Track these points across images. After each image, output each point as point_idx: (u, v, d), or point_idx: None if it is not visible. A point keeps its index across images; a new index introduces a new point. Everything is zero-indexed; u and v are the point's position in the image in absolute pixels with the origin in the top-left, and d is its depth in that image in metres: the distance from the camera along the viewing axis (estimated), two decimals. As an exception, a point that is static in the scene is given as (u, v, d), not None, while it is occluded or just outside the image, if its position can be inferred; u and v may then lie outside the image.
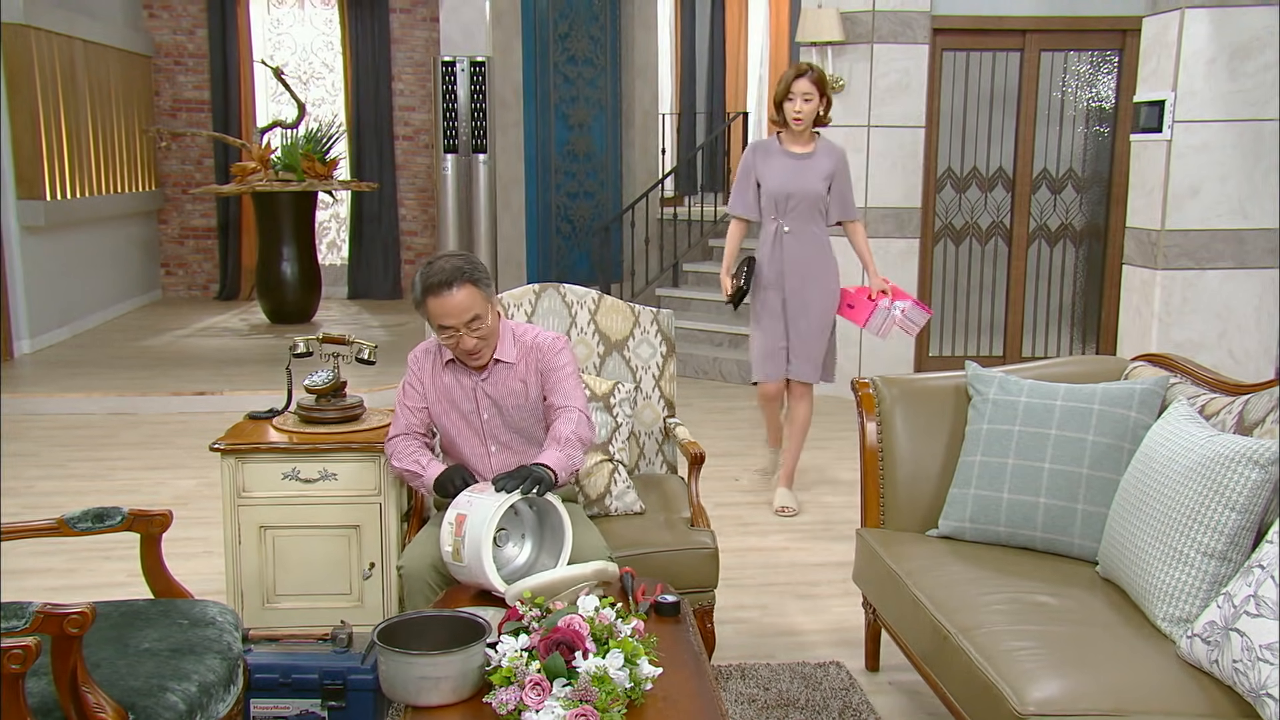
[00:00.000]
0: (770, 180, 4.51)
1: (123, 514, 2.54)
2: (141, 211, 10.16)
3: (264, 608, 3.21)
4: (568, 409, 2.87)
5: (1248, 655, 2.02)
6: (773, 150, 4.55)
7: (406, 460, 2.92)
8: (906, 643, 2.79)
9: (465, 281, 2.76)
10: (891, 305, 4.54)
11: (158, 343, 8.32)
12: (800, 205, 4.49)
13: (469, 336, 2.80)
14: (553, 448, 2.77)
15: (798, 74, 4.43)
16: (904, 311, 4.55)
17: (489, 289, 2.84)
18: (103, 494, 4.89)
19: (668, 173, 9.42)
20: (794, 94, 4.41)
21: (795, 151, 4.51)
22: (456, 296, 2.75)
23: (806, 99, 4.41)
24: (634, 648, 2.11)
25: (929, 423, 3.12)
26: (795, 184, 4.48)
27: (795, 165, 4.49)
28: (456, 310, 2.76)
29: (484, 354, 2.88)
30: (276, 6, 10.64)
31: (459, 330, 2.79)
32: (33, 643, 1.84)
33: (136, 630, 2.32)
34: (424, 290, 2.77)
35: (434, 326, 2.83)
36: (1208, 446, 2.36)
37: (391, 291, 10.74)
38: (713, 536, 3.10)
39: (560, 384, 2.91)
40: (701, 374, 7.51)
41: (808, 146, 4.53)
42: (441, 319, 2.78)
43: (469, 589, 2.64)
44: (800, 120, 4.42)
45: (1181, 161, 4.74)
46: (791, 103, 4.43)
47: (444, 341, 2.85)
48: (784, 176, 4.49)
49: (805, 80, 4.40)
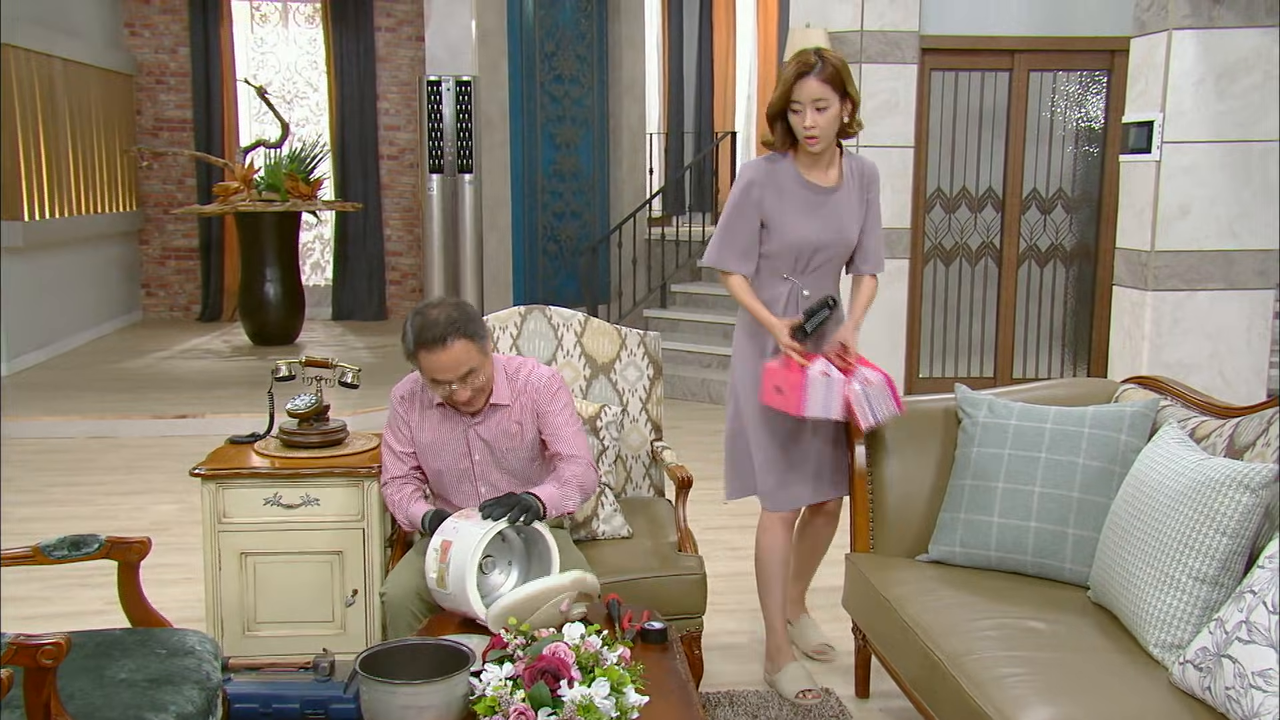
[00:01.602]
0: (788, 225, 3.14)
1: (100, 541, 2.52)
2: (122, 232, 10.15)
3: (244, 636, 3.19)
4: (575, 459, 2.85)
5: (1240, 682, 2.02)
6: (786, 179, 3.15)
7: (399, 513, 2.95)
8: (897, 669, 2.79)
9: (460, 336, 2.68)
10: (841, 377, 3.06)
11: (138, 365, 8.29)
12: (830, 261, 3.22)
13: (463, 390, 2.76)
14: (551, 484, 2.76)
15: (800, 71, 3.01)
16: (864, 385, 3.06)
17: (484, 341, 2.77)
18: (80, 520, 4.86)
19: (655, 193, 9.46)
20: (800, 102, 3.02)
21: (819, 183, 3.16)
22: (451, 351, 2.68)
23: (819, 107, 3.02)
24: (620, 676, 2.11)
25: (918, 446, 3.13)
26: (827, 232, 3.16)
27: (821, 203, 3.16)
28: (451, 365, 2.70)
29: (478, 402, 2.84)
30: (260, 25, 10.67)
31: (453, 384, 2.74)
32: (5, 675, 1.83)
33: (113, 660, 2.30)
34: (416, 344, 2.70)
35: (426, 380, 2.79)
36: (1198, 470, 2.37)
37: (376, 313, 10.73)
38: (700, 561, 3.10)
39: (561, 430, 2.88)
40: (690, 396, 7.52)
41: (831, 171, 3.18)
42: (435, 374, 2.72)
43: (453, 617, 2.63)
44: (816, 139, 3.06)
45: (1171, 182, 4.78)
46: (798, 114, 3.04)
47: (436, 393, 2.81)
48: (808, 220, 3.15)
49: (813, 80, 3.00)
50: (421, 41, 9.87)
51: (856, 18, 6.37)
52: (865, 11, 6.36)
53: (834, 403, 3.02)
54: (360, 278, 10.75)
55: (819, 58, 3.01)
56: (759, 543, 3.36)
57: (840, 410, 3.04)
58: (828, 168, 3.18)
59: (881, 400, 3.06)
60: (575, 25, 9.32)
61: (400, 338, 2.81)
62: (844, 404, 3.03)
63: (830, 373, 3.02)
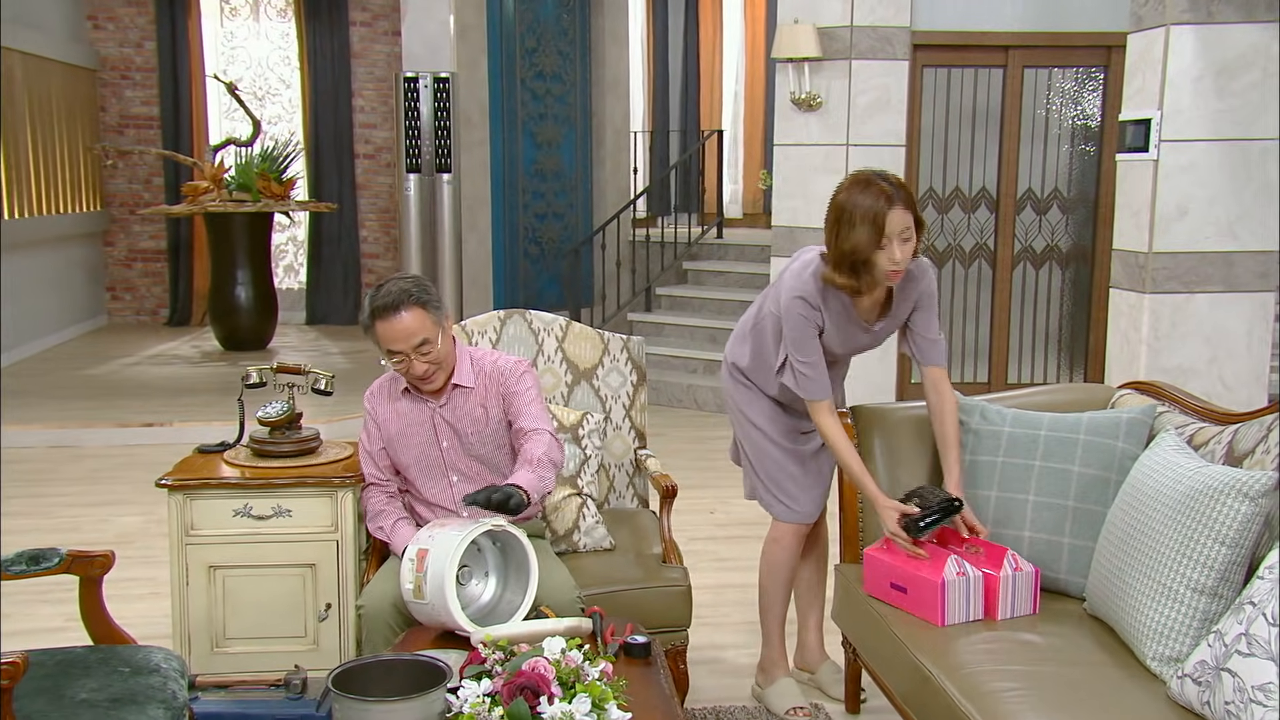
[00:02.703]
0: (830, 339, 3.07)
1: (60, 555, 2.51)
2: (86, 233, 10.09)
3: (213, 652, 3.17)
4: (537, 431, 2.88)
5: (1240, 696, 2.03)
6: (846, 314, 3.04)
7: (372, 526, 3.02)
8: (888, 683, 2.79)
9: (413, 304, 2.80)
10: (978, 574, 2.72)
11: (103, 371, 8.25)
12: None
13: (419, 361, 2.83)
14: (524, 469, 2.77)
15: (886, 199, 2.79)
16: (1015, 573, 2.72)
17: (439, 312, 2.86)
18: (41, 533, 4.83)
19: (640, 193, 9.47)
20: (888, 236, 2.79)
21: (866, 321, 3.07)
22: (404, 320, 2.79)
23: (906, 238, 2.82)
24: (602, 692, 2.10)
25: (910, 454, 3.14)
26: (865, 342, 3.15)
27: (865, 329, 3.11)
28: (404, 334, 2.79)
29: (436, 379, 2.91)
30: (230, 19, 10.65)
31: (408, 356, 2.82)
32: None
33: (73, 680, 2.29)
34: (371, 313, 2.82)
35: (383, 352, 2.87)
36: (1196, 478, 2.38)
37: (351, 317, 10.70)
38: (685, 573, 3.10)
39: (526, 408, 2.93)
40: (675, 402, 7.52)
41: (878, 293, 3.02)
42: (390, 343, 2.82)
43: (430, 630, 2.62)
44: (899, 274, 2.88)
45: (1169, 182, 4.81)
46: (887, 250, 2.81)
47: (395, 367, 2.89)
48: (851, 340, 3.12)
49: (899, 210, 2.79)
50: (398, 36, 9.86)
51: (846, 13, 6.39)
52: (855, 6, 6.38)
53: (977, 603, 2.71)
54: (335, 281, 10.72)
55: (886, 181, 2.82)
56: (768, 554, 3.33)
57: (982, 608, 2.73)
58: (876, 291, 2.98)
59: (1025, 596, 2.73)
60: (557, 20, 9.33)
61: (361, 315, 2.91)
62: (985, 597, 2.72)
63: (965, 570, 2.70)
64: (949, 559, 2.68)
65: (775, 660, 3.39)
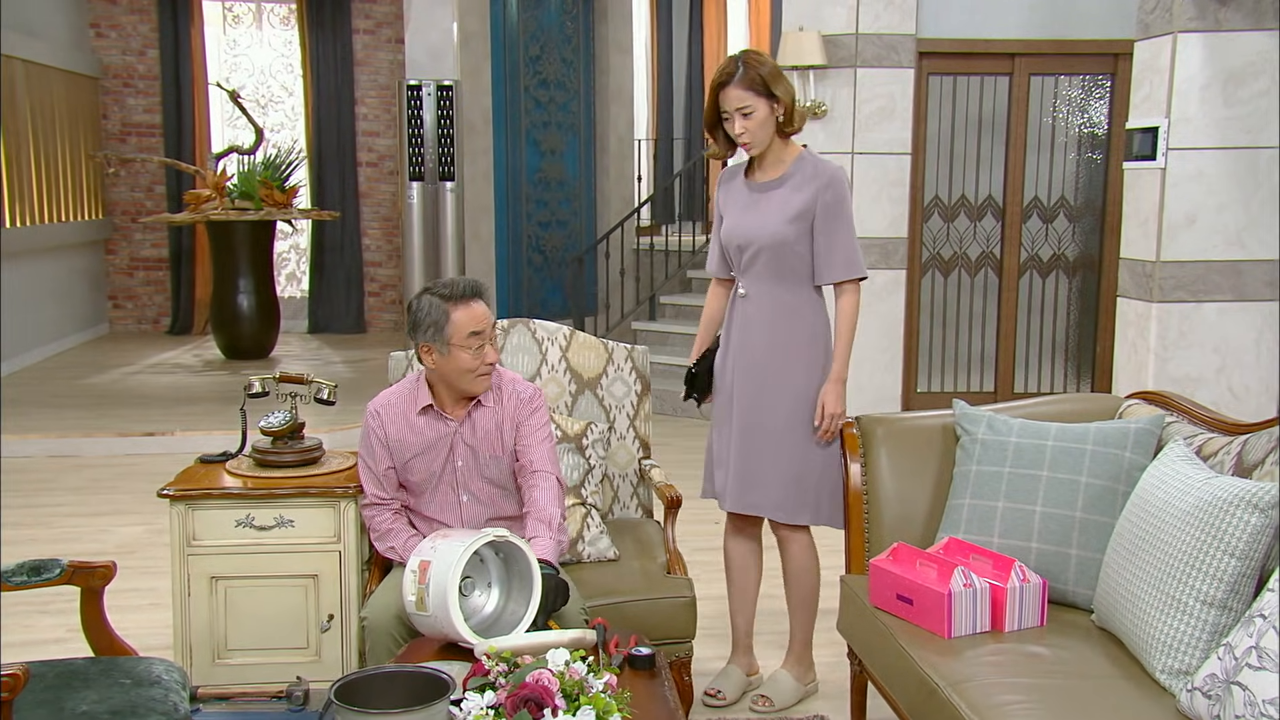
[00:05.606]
0: (725, 223, 3.37)
1: (61, 566, 2.51)
2: (87, 241, 10.11)
3: (214, 664, 3.17)
4: (544, 475, 2.91)
5: (1250, 710, 2.03)
6: (736, 179, 3.39)
7: (381, 546, 3.02)
8: (894, 696, 2.79)
9: (482, 295, 2.91)
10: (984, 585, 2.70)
11: (104, 380, 8.26)
12: (762, 260, 3.27)
13: (493, 349, 2.89)
14: (544, 534, 2.80)
15: (720, 81, 3.17)
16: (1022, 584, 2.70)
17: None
18: (41, 543, 4.83)
19: (644, 201, 9.48)
20: (726, 112, 3.19)
21: (758, 180, 3.32)
22: (482, 305, 2.88)
23: (745, 112, 3.15)
24: (606, 704, 2.10)
25: (916, 464, 3.14)
26: (752, 228, 3.27)
27: (755, 200, 3.30)
28: (485, 317, 2.86)
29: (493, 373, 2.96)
30: (233, 26, 10.68)
31: (489, 340, 2.87)
32: (-37, 705, 1.82)
33: (74, 691, 2.29)
34: (451, 299, 2.84)
35: (456, 342, 2.82)
36: (1205, 489, 2.38)
37: (354, 326, 10.72)
38: (690, 585, 3.10)
39: (537, 445, 2.95)
40: (680, 412, 7.51)
41: (776, 170, 3.29)
42: (474, 325, 2.84)
43: (434, 641, 2.62)
44: (750, 144, 3.21)
45: (1176, 190, 4.81)
46: (728, 121, 3.20)
47: (469, 354, 2.84)
48: (740, 216, 3.32)
49: (734, 88, 3.14)
50: (401, 44, 9.89)
51: (851, 20, 6.40)
52: (860, 14, 6.39)
53: (984, 615, 2.68)
54: (337, 289, 10.73)
55: (739, 64, 3.16)
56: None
57: (989, 620, 2.70)
58: (775, 166, 3.30)
59: (1032, 608, 2.70)
60: (561, 28, 9.35)
61: (419, 317, 2.86)
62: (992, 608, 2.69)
63: (972, 581, 2.67)
64: (955, 570, 2.69)
65: (734, 643, 3.57)
